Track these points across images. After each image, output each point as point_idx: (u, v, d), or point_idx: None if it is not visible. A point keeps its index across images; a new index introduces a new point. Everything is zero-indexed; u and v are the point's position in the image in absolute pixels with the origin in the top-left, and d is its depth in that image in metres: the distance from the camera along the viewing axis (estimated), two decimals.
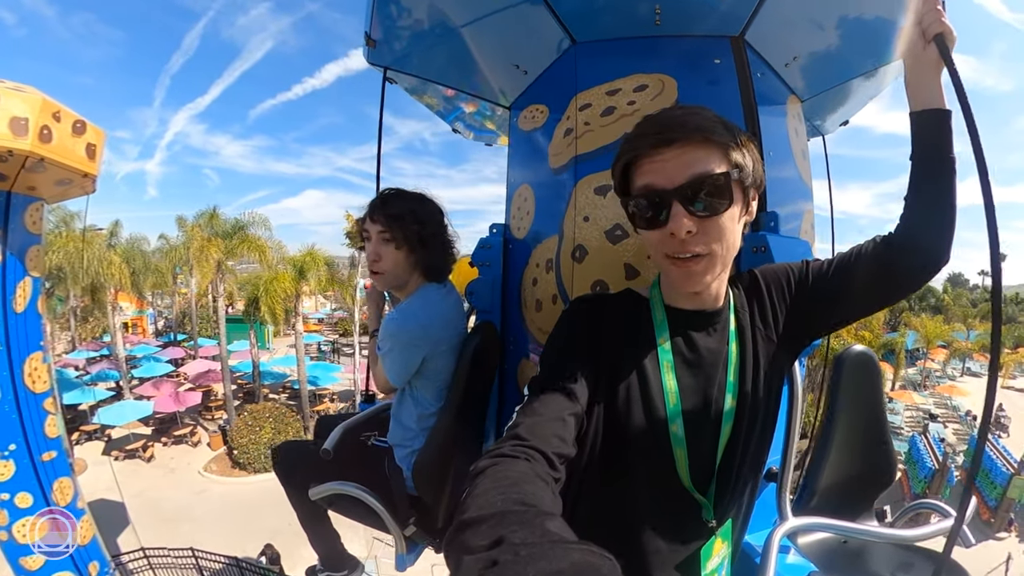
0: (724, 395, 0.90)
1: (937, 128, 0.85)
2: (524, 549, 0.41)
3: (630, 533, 0.91)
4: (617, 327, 0.90)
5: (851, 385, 1.51)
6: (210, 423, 19.85)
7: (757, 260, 1.26)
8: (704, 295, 0.89)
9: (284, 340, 31.18)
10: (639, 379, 0.87)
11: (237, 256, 19.21)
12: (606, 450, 0.88)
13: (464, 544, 0.45)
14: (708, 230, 0.79)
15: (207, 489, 15.33)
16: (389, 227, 1.54)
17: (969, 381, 27.37)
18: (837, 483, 1.51)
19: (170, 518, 13.07)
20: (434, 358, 1.56)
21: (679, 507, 0.91)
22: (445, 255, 1.66)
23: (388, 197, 1.59)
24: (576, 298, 0.98)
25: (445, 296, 1.65)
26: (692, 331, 0.90)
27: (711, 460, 0.91)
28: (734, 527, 1.01)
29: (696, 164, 0.78)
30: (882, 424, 1.59)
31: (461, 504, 0.55)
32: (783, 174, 1.66)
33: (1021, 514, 14.06)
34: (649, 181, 0.81)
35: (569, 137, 1.61)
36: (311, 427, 18.09)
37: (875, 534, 1.35)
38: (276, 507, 6.76)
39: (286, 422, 17.08)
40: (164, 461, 16.87)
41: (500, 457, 0.67)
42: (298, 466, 1.78)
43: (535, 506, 0.53)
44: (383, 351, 1.54)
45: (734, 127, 0.82)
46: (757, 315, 0.95)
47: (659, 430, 0.87)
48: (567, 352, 0.88)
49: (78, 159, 3.52)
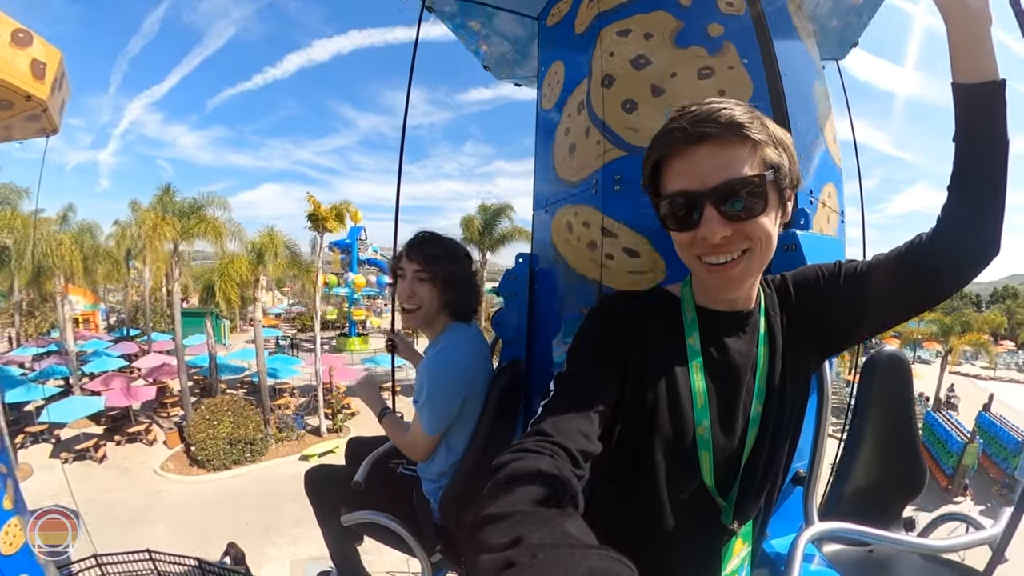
0: (752, 399, 0.89)
1: (990, 105, 0.73)
2: (541, 551, 0.41)
3: (651, 532, 0.89)
4: (647, 325, 0.89)
5: (881, 388, 1.46)
6: (166, 420, 18.93)
7: (787, 258, 1.22)
8: (737, 296, 0.88)
9: (241, 336, 30.30)
10: (668, 379, 0.86)
11: (193, 237, 17.89)
12: (631, 448, 0.87)
13: (482, 542, 0.45)
14: (743, 234, 0.77)
15: (164, 489, 14.54)
16: (426, 265, 1.62)
17: (919, 368, 28.58)
18: (865, 489, 1.47)
19: (125, 521, 12.36)
20: (471, 397, 1.59)
21: (700, 508, 0.90)
22: (472, 296, 1.74)
23: (425, 238, 1.68)
24: (606, 295, 0.97)
25: (475, 335, 1.72)
26: (723, 333, 0.89)
27: (736, 463, 0.90)
28: (754, 528, 1.00)
29: (731, 166, 0.74)
30: (912, 429, 1.55)
31: (482, 497, 0.55)
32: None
33: (974, 479, 15.44)
34: (680, 181, 0.78)
35: (592, 3, 1.65)
36: (271, 420, 17.73)
37: (905, 543, 1.31)
38: (237, 506, 6.41)
39: (245, 415, 16.47)
40: (117, 461, 15.94)
41: (523, 452, 0.66)
42: (329, 491, 1.86)
43: (556, 505, 0.53)
44: (420, 402, 1.56)
45: (770, 122, 0.78)
46: (788, 319, 0.93)
47: (686, 431, 0.86)
48: (595, 348, 0.87)
49: (18, 74, 2.84)
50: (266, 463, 16.43)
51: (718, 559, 0.91)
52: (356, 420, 20.23)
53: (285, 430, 18.36)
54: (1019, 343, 42.61)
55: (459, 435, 1.61)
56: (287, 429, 18.44)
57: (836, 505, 1.44)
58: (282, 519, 12.34)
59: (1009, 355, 39.44)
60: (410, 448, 1.63)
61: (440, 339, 1.66)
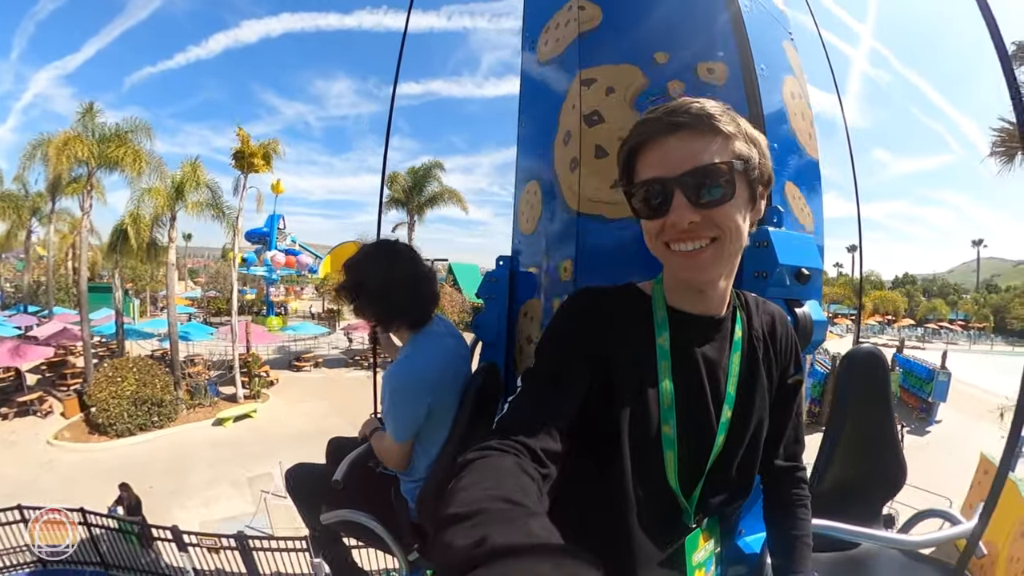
0: (721, 406, 0.90)
1: None
2: (506, 551, 0.42)
3: (616, 529, 0.89)
4: (617, 322, 0.88)
5: (859, 385, 1.49)
6: (65, 393, 17.08)
7: (759, 255, 1.23)
8: (708, 295, 0.88)
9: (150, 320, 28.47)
10: (635, 377, 0.86)
11: (112, 165, 15.76)
12: (597, 446, 0.87)
13: (447, 542, 0.45)
14: (712, 221, 0.78)
15: (56, 459, 12.90)
16: (351, 297, 1.65)
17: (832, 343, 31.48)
18: (843, 486, 1.48)
19: (5, 495, 11.02)
20: (440, 404, 1.59)
21: (664, 506, 0.90)
22: (415, 302, 1.65)
23: (345, 266, 1.68)
24: (576, 291, 0.96)
25: (438, 338, 1.68)
26: (693, 336, 0.89)
27: (701, 466, 0.91)
28: (721, 524, 1.01)
29: (701, 154, 0.76)
30: (891, 426, 1.56)
31: (446, 496, 0.55)
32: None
33: (898, 407, 17.25)
34: (652, 170, 0.80)
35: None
36: (183, 386, 16.74)
37: (881, 539, 1.34)
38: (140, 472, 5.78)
39: (153, 374, 15.08)
40: (3, 436, 14.10)
41: (488, 450, 0.67)
42: (310, 489, 1.90)
43: (520, 504, 0.53)
44: (384, 410, 1.58)
45: (744, 121, 0.81)
46: (770, 345, 0.97)
47: (651, 430, 0.86)
48: (563, 345, 0.88)
49: None
50: (176, 428, 15.16)
51: (682, 554, 0.93)
52: (275, 389, 19.64)
53: (198, 396, 17.11)
54: (917, 319, 54.56)
55: (434, 438, 1.62)
56: (200, 395, 17.21)
57: (814, 502, 1.39)
58: (192, 482, 11.43)
59: (909, 329, 49.72)
60: (387, 455, 1.65)
61: (405, 347, 1.67)
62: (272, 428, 15.73)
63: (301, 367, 23.29)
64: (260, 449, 13.29)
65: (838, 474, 1.47)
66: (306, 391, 19.73)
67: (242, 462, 12.55)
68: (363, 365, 23.97)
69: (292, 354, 24.95)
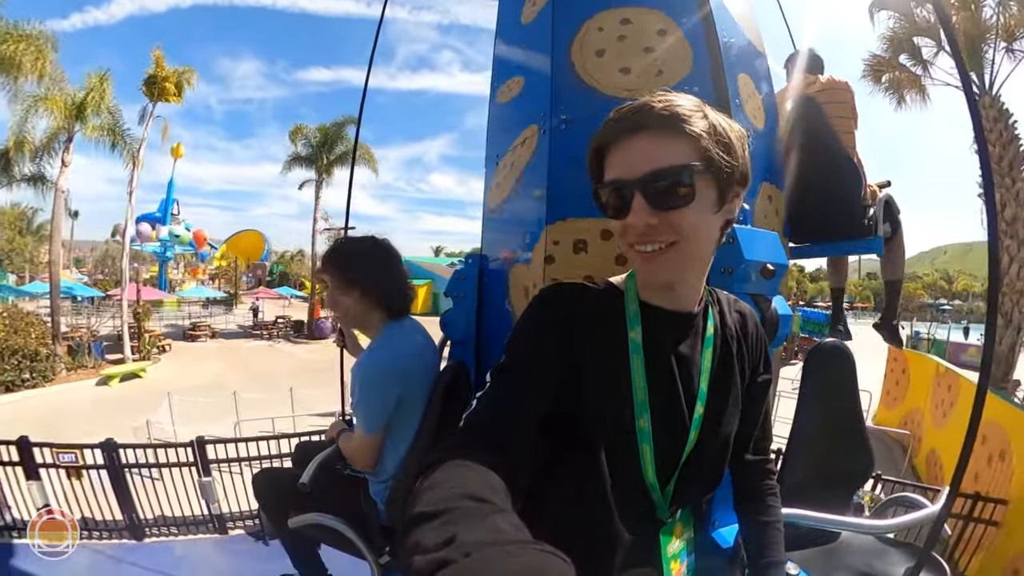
0: (695, 402, 0.89)
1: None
2: (475, 549, 0.40)
3: (589, 526, 0.88)
4: (589, 316, 0.87)
5: (824, 378, 1.51)
6: None
7: (725, 252, 1.24)
8: (679, 292, 0.88)
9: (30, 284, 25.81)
10: (608, 371, 0.85)
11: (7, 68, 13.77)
12: (570, 440, 0.86)
13: (415, 542, 0.44)
14: (670, 225, 0.77)
15: None
16: (341, 275, 1.67)
17: None
18: (812, 478, 1.48)
19: None
20: (409, 396, 1.62)
21: (639, 500, 0.89)
22: (396, 290, 1.74)
23: (336, 248, 1.75)
24: (548, 285, 0.94)
25: (410, 332, 1.75)
26: (665, 330, 0.88)
27: (675, 460, 0.90)
28: (695, 515, 1.01)
29: (662, 157, 0.75)
30: (857, 418, 1.60)
31: (413, 495, 0.54)
32: None
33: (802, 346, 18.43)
34: (616, 171, 0.79)
35: None
36: (61, 336, 15.54)
37: (851, 525, 1.38)
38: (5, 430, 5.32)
39: (27, 321, 13.61)
40: None
41: (455, 448, 0.66)
42: (277, 495, 1.87)
43: (488, 501, 0.51)
44: (354, 402, 1.59)
45: (718, 117, 0.79)
46: (742, 342, 0.98)
47: (626, 423, 0.85)
48: (533, 339, 0.86)
49: None
50: (53, 387, 13.61)
51: (657, 545, 0.93)
52: (167, 356, 18.63)
53: (80, 357, 15.57)
54: (807, 301, 60.67)
55: (404, 433, 1.64)
56: (82, 355, 15.68)
57: (785, 494, 1.39)
58: (67, 437, 10.48)
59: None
60: (357, 453, 1.65)
61: (376, 340, 1.70)
62: (165, 387, 13.75)
63: (197, 336, 22.33)
64: (151, 404, 11.10)
65: (807, 466, 1.47)
66: (202, 356, 18.62)
67: (130, 415, 10.63)
68: (265, 336, 23.35)
69: (186, 327, 23.80)
